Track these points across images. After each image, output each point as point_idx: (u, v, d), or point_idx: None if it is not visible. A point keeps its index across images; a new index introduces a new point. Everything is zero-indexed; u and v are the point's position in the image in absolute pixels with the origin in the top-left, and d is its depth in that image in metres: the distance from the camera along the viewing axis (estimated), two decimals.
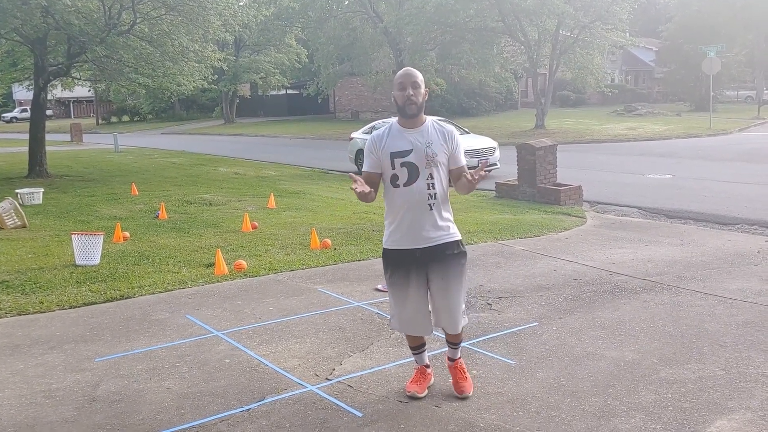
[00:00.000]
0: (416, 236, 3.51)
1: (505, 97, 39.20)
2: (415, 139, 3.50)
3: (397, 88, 3.49)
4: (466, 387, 3.71)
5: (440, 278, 3.54)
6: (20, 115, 55.87)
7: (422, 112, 3.54)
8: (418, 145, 3.48)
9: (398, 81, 3.50)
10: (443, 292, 3.55)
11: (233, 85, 41.97)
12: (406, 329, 3.71)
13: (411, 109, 3.48)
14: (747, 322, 4.84)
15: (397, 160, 3.47)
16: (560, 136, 23.47)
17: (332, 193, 12.43)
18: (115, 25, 13.90)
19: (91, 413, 3.60)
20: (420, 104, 3.49)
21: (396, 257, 3.57)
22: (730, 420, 3.39)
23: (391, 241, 3.58)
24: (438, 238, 3.52)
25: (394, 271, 3.59)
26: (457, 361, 3.78)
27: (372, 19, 34.41)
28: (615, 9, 25.98)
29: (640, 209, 10.39)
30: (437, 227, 3.52)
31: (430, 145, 3.48)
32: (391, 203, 3.56)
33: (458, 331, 3.67)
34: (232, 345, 4.57)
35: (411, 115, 3.50)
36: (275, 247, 7.60)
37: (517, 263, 6.76)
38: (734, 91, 48.97)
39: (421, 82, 3.50)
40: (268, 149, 24.94)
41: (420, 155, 3.46)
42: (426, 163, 3.46)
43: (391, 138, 3.53)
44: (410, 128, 3.53)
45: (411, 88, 3.46)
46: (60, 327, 5.01)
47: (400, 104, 3.50)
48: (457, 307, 3.58)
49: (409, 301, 3.59)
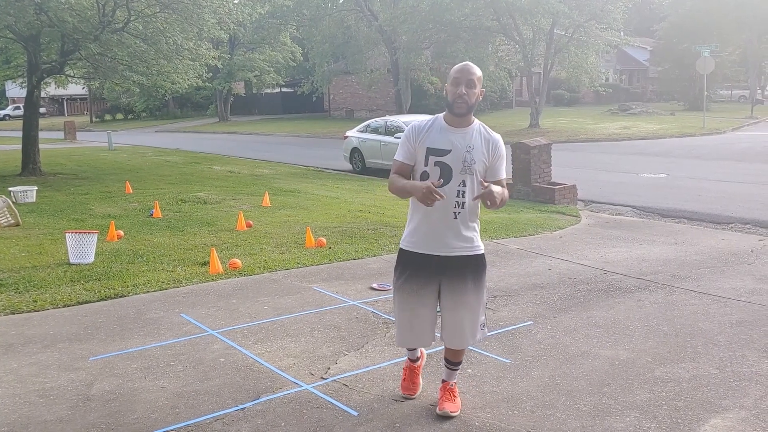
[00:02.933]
0: (436, 243, 3.30)
1: (500, 96, 39.15)
2: (456, 140, 3.26)
3: (451, 83, 3.24)
4: (448, 407, 3.45)
5: (453, 292, 3.34)
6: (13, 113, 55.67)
7: (472, 112, 3.30)
8: (458, 147, 3.24)
9: (453, 76, 3.24)
10: (455, 305, 3.35)
11: (228, 83, 41.87)
12: (404, 342, 3.53)
13: (460, 108, 3.24)
14: (741, 321, 4.86)
15: (432, 157, 3.25)
16: (555, 135, 23.50)
17: (327, 192, 12.41)
18: (109, 22, 13.84)
19: (86, 412, 3.59)
20: (471, 105, 3.24)
21: (411, 260, 3.37)
22: (724, 418, 3.40)
23: (408, 242, 3.40)
24: (459, 249, 3.31)
25: (403, 273, 3.40)
26: (449, 383, 3.55)
27: (367, 17, 34.39)
28: (609, 8, 26.05)
29: (635, 208, 10.42)
30: (460, 237, 3.30)
31: (471, 150, 3.24)
32: (415, 202, 3.32)
33: (462, 347, 3.48)
34: (226, 344, 4.56)
35: (459, 114, 3.25)
36: (270, 246, 7.58)
37: (512, 262, 6.77)
38: (728, 90, 49.15)
39: (477, 81, 3.25)
40: (262, 147, 24.90)
41: (457, 158, 3.23)
42: (462, 168, 3.23)
43: (433, 132, 3.29)
44: (455, 127, 3.29)
45: (465, 86, 3.22)
46: (54, 326, 4.98)
47: (449, 100, 3.25)
48: (466, 323, 3.37)
49: (411, 308, 3.40)
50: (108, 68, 15.63)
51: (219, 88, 41.94)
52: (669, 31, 41.79)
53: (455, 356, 3.53)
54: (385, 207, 10.32)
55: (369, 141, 15.95)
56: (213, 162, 19.23)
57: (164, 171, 16.63)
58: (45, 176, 15.14)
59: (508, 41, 29.08)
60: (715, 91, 42.82)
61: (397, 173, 3.35)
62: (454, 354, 3.52)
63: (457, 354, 3.52)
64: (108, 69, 15.68)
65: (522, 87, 44.18)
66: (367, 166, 15.95)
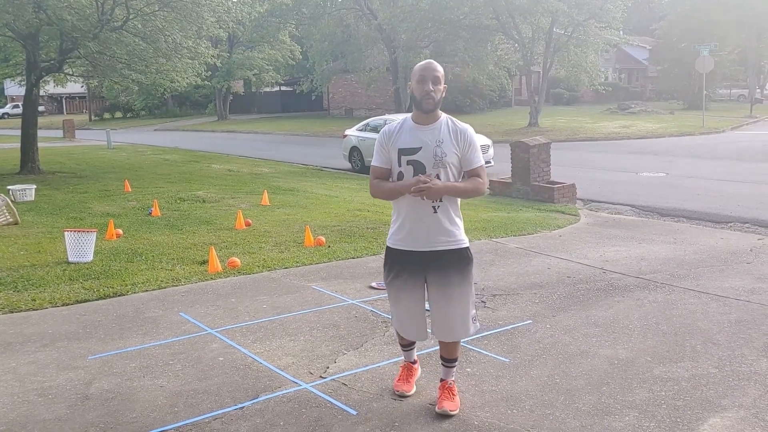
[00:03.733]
0: (419, 239, 3.38)
1: (499, 94, 39.18)
2: (426, 136, 3.35)
3: (417, 80, 3.33)
4: (447, 405, 3.47)
5: (439, 286, 3.41)
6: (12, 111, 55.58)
7: (438, 108, 3.39)
8: (427, 143, 3.33)
9: (419, 74, 3.34)
10: (441, 299, 3.42)
11: (226, 82, 41.83)
12: (402, 331, 3.63)
13: (428, 104, 3.34)
14: (740, 320, 4.86)
15: (404, 157, 3.35)
16: (554, 134, 23.50)
17: (326, 191, 12.41)
18: (108, 21, 13.82)
19: (84, 411, 3.59)
20: (438, 100, 3.35)
21: (396, 257, 3.48)
22: (723, 418, 3.40)
23: (393, 240, 3.49)
24: (441, 243, 3.38)
25: (391, 270, 3.51)
26: (447, 382, 3.57)
27: (366, 16, 34.36)
28: (609, 7, 26.04)
29: (634, 207, 10.42)
30: (442, 231, 3.38)
31: (441, 144, 3.33)
32: (397, 201, 3.45)
33: (452, 339, 3.50)
34: (225, 343, 4.56)
35: (427, 111, 3.36)
36: (269, 245, 7.58)
37: (511, 261, 6.76)
38: (727, 89, 49.16)
39: (441, 77, 3.37)
40: (261, 146, 24.89)
41: (428, 154, 3.32)
42: (434, 163, 3.32)
43: (402, 133, 3.40)
44: (423, 124, 3.38)
45: (431, 83, 3.32)
46: (52, 324, 4.98)
47: (417, 98, 3.35)
48: (454, 316, 3.43)
49: (403, 303, 3.51)
50: (107, 67, 15.61)
51: (218, 87, 41.92)
52: (668, 30, 41.81)
53: (449, 353, 3.56)
54: (384, 206, 10.31)
55: (368, 140, 15.93)
56: (212, 161, 19.22)
57: (163, 169, 16.62)
58: (44, 175, 15.13)
59: (507, 40, 29.08)
60: (714, 90, 42.86)
61: (378, 178, 3.46)
62: (448, 350, 3.56)
63: (451, 350, 3.56)
64: (107, 67, 15.67)
65: (521, 86, 44.16)
66: (366, 164, 15.92)
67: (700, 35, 35.64)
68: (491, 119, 31.87)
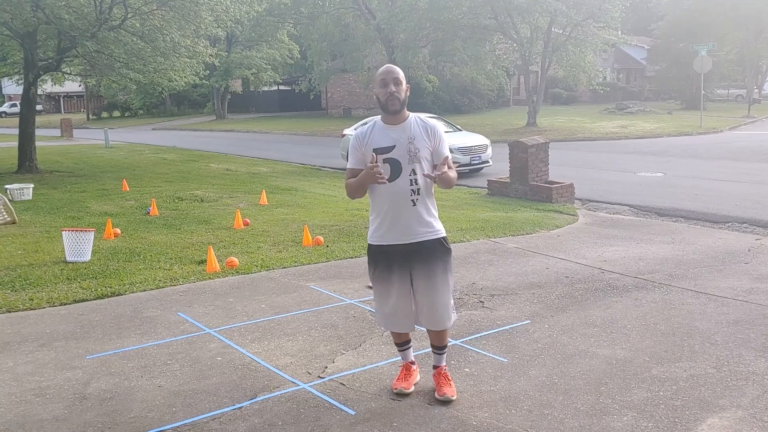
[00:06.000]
0: (400, 232, 3.52)
1: (497, 94, 39.21)
2: (397, 135, 3.52)
3: (379, 85, 3.51)
4: (448, 391, 3.63)
5: (424, 275, 3.55)
6: (9, 110, 55.47)
7: (405, 107, 3.55)
8: (400, 141, 3.50)
9: (380, 78, 3.52)
10: (426, 289, 3.56)
11: (225, 81, 41.80)
12: (388, 325, 3.72)
13: (394, 105, 3.49)
14: (738, 320, 4.87)
15: (380, 156, 3.49)
16: (552, 134, 23.52)
17: (324, 190, 12.40)
18: (105, 20, 13.81)
19: (82, 411, 3.58)
20: (403, 100, 3.51)
21: (380, 253, 3.59)
22: (721, 418, 3.41)
23: (375, 237, 3.61)
24: (422, 234, 3.53)
25: (377, 267, 3.62)
26: (441, 368, 3.74)
27: (365, 15, 34.38)
28: (607, 7, 26.04)
29: (632, 207, 10.42)
30: (421, 223, 3.53)
31: (413, 141, 3.50)
32: (375, 199, 3.58)
33: (440, 328, 3.64)
34: (224, 342, 4.55)
35: (394, 111, 3.52)
36: (267, 244, 7.58)
37: (509, 261, 6.76)
38: (725, 89, 49.14)
39: (402, 79, 3.53)
40: (259, 145, 24.88)
41: (402, 151, 3.49)
42: (409, 159, 3.48)
43: (375, 134, 3.55)
44: (393, 124, 3.55)
45: (393, 84, 3.48)
46: (50, 324, 4.97)
47: (382, 101, 3.52)
48: (440, 305, 3.58)
49: (391, 297, 3.60)
50: (105, 65, 15.60)
51: (216, 86, 41.89)
52: (666, 30, 41.81)
53: (438, 340, 3.72)
54: None
55: None
56: (210, 160, 19.21)
57: (161, 169, 16.61)
58: (41, 174, 15.12)
59: (505, 40, 29.08)
60: (712, 90, 42.92)
61: (351, 178, 3.60)
62: (438, 338, 3.72)
63: (441, 337, 3.71)
64: (105, 66, 15.66)
65: (519, 85, 44.22)
66: None
67: (698, 35, 35.66)
68: (489, 119, 31.88)
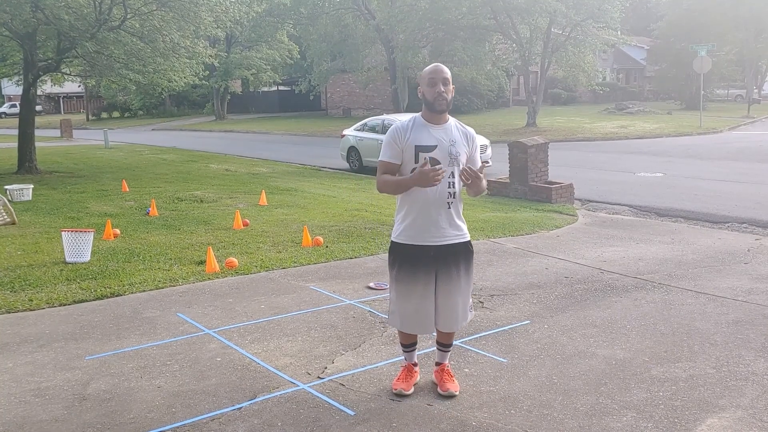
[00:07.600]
0: (433, 233, 3.50)
1: (497, 94, 39.17)
2: (440, 135, 3.51)
3: (427, 84, 3.50)
4: (451, 386, 3.70)
5: (449, 277, 3.55)
6: (9, 111, 55.47)
7: (450, 108, 3.55)
8: (442, 142, 3.49)
9: (428, 77, 3.50)
10: (449, 291, 3.56)
11: (224, 82, 41.77)
12: (407, 327, 3.64)
13: (441, 105, 3.49)
14: (737, 320, 4.87)
15: (422, 154, 3.46)
16: (552, 134, 23.52)
17: (324, 191, 12.40)
18: (105, 20, 13.80)
19: (82, 412, 3.58)
20: (449, 100, 3.52)
21: (408, 252, 3.54)
22: (720, 418, 3.41)
23: (405, 236, 3.55)
24: (453, 237, 3.54)
25: (402, 266, 3.55)
26: (444, 365, 3.79)
27: (364, 15, 34.36)
28: (607, 7, 26.04)
29: (631, 207, 10.43)
30: (454, 226, 3.55)
31: (454, 144, 3.50)
32: (409, 198, 3.51)
33: (454, 330, 3.69)
34: (223, 343, 4.55)
35: (441, 111, 3.51)
36: (267, 245, 7.57)
37: (509, 261, 6.76)
38: (724, 89, 49.16)
39: (450, 79, 3.54)
40: (259, 146, 24.86)
41: (444, 153, 3.48)
42: (449, 161, 3.48)
43: (416, 131, 3.51)
44: (436, 124, 3.53)
45: (441, 84, 3.48)
46: (49, 325, 4.97)
47: (429, 100, 3.50)
48: (459, 307, 3.61)
49: (414, 297, 3.55)
50: (104, 66, 15.59)
51: (216, 87, 41.85)
52: (666, 30, 41.81)
53: (448, 339, 3.77)
54: (382, 206, 10.31)
55: (366, 140, 15.93)
56: (210, 160, 19.20)
57: (161, 169, 16.60)
58: (41, 174, 15.10)
59: (505, 40, 29.08)
60: (711, 90, 42.88)
61: (386, 173, 3.55)
62: (448, 337, 3.76)
63: (450, 336, 3.76)
64: (104, 67, 15.65)
65: (519, 86, 44.18)
66: (364, 164, 15.94)
67: (697, 35, 35.65)
68: (489, 119, 31.87)
